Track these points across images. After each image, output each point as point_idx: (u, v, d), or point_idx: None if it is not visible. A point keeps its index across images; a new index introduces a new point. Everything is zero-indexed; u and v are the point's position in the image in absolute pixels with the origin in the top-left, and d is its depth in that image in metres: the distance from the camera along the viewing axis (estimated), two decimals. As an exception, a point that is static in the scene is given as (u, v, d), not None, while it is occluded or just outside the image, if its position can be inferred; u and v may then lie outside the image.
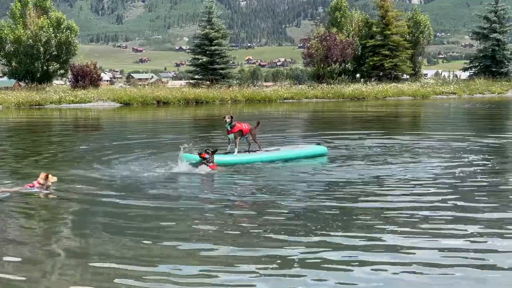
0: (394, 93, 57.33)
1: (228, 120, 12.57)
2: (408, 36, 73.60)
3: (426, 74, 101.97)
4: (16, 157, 14.90)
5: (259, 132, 13.59)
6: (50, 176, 9.32)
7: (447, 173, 10.76)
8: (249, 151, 12.95)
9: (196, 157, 11.32)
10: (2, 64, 64.34)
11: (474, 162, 12.27)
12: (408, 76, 74.55)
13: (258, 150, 13.00)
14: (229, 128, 12.59)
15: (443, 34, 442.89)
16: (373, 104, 45.70)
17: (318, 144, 14.39)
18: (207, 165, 11.06)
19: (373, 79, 70.11)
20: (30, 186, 9.18)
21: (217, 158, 11.62)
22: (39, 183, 9.16)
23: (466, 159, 12.66)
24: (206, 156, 11.12)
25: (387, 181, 10.00)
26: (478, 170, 11.22)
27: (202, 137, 19.48)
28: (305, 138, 18.55)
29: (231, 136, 12.64)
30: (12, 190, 9.19)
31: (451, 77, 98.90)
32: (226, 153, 12.46)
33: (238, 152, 12.62)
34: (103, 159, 13.42)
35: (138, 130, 25.24)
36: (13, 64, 63.02)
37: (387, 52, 71.08)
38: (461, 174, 10.64)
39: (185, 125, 28.00)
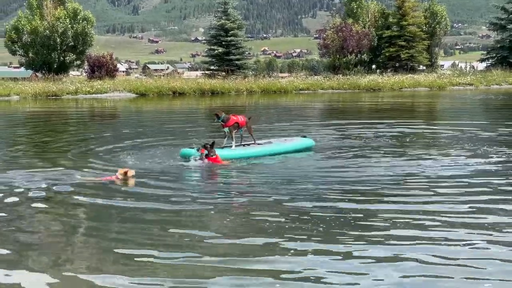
0: (410, 84, 56.97)
1: (215, 120, 12.23)
2: (424, 27, 73.10)
3: (443, 65, 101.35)
4: (33, 145, 15.05)
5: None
6: (129, 171, 9.40)
7: (461, 165, 10.63)
8: (243, 145, 12.44)
9: (195, 152, 11.03)
10: (19, 54, 64.73)
11: (488, 153, 12.19)
12: (424, 67, 74.08)
13: (253, 143, 12.53)
14: (222, 122, 12.08)
15: (460, 24, 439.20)
16: (389, 95, 45.50)
17: (304, 136, 13.78)
18: (207, 158, 10.73)
19: (389, 70, 69.73)
20: (109, 179, 9.25)
21: (221, 152, 11.31)
22: (118, 178, 9.24)
23: (481, 149, 12.60)
24: (205, 151, 10.76)
25: (403, 175, 9.87)
26: (493, 161, 11.12)
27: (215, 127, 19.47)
28: (289, 130, 17.49)
29: (227, 129, 12.13)
30: (93, 180, 9.32)
31: (467, 68, 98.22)
32: (223, 147, 11.86)
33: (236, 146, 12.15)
34: (115, 150, 13.49)
35: (155, 119, 25.38)
36: (30, 55, 63.47)
37: (403, 43, 70.65)
38: (476, 166, 10.54)
39: (200, 115, 28.08)
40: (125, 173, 9.37)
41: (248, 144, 12.49)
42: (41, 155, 12.84)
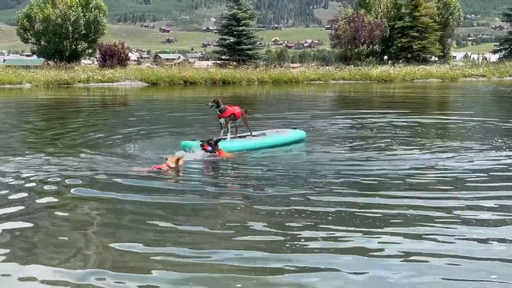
0: (422, 75, 56.75)
1: (211, 104, 11.57)
2: (437, 18, 72.76)
3: (455, 56, 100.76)
4: (43, 132, 15.11)
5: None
6: (180, 159, 9.26)
7: (472, 158, 10.36)
8: (239, 137, 11.94)
9: (196, 144, 10.67)
10: (31, 42, 64.97)
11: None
12: (436, 58, 73.78)
13: (249, 135, 12.05)
14: (219, 112, 11.50)
15: (473, 16, 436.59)
16: (400, 86, 45.31)
17: (295, 128, 13.37)
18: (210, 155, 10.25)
19: (401, 61, 69.51)
20: (157, 168, 9.08)
21: (223, 145, 10.79)
22: (169, 166, 9.06)
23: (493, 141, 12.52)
24: (209, 148, 10.29)
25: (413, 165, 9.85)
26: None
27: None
28: (278, 121, 17.08)
29: (222, 120, 11.55)
30: (142, 170, 9.12)
31: (480, 60, 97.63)
32: (218, 140, 10.87)
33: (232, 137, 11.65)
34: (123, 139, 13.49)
35: (166, 108, 25.44)
36: (42, 43, 63.74)
37: (415, 34, 70.39)
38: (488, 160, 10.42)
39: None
40: (177, 160, 9.18)
41: (244, 136, 12.03)
42: (65, 144, 12.82)
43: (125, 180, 8.34)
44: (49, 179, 8.33)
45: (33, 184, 8.07)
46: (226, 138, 11.35)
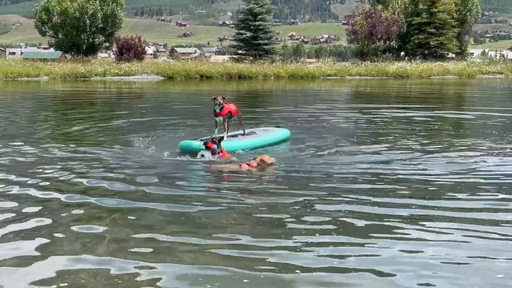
0: (439, 72, 56.51)
1: (220, 101, 10.88)
2: (455, 14, 72.26)
3: (472, 53, 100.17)
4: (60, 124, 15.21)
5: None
6: (268, 158, 8.98)
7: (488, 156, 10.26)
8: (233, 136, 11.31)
9: (195, 145, 10.03)
10: (49, 35, 65.33)
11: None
12: (453, 55, 73.32)
13: (242, 134, 11.48)
14: (218, 110, 10.86)
15: (491, 12, 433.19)
16: (417, 82, 45.11)
17: (278, 126, 12.89)
18: (214, 155, 9.57)
19: (417, 57, 69.15)
20: (246, 166, 8.87)
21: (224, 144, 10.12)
22: (257, 165, 8.80)
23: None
24: (214, 146, 9.60)
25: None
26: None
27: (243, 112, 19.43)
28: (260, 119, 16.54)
29: (220, 119, 10.91)
30: (227, 167, 9.05)
31: (497, 57, 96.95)
32: (221, 138, 10.24)
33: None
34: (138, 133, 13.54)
35: (184, 101, 25.49)
36: (60, 36, 64.12)
37: (433, 30, 70.00)
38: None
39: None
40: (261, 161, 8.89)
41: (236, 135, 11.41)
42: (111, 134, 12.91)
43: (154, 175, 8.34)
44: (64, 172, 8.41)
45: (52, 174, 8.16)
46: (224, 137, 10.53)
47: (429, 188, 7.48)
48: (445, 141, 11.97)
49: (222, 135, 10.60)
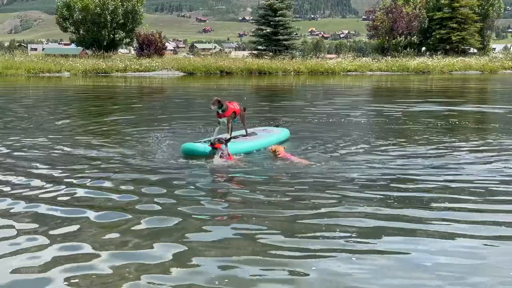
0: (461, 67, 56.03)
1: (214, 107, 10.00)
2: (477, 9, 71.52)
3: (495, 48, 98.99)
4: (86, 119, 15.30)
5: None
6: (279, 148, 9.26)
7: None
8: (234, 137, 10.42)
9: (201, 148, 9.42)
10: (70, 31, 65.73)
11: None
12: (475, 50, 72.62)
13: (245, 135, 10.83)
14: (220, 111, 10.05)
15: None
16: (438, 78, 44.74)
17: (277, 126, 12.55)
18: (222, 157, 8.94)
19: (439, 53, 68.52)
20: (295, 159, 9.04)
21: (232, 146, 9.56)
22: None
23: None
24: (222, 146, 9.03)
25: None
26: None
27: (262, 108, 19.43)
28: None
29: (224, 120, 10.13)
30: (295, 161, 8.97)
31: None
32: (229, 139, 9.62)
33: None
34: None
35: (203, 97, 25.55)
36: (81, 32, 64.49)
37: (454, 25, 69.31)
38: None
39: (248, 95, 28.02)
40: (274, 151, 9.18)
41: (237, 136, 10.60)
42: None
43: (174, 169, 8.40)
44: (80, 166, 8.52)
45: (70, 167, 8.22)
46: (229, 138, 9.79)
47: (452, 186, 7.28)
48: (473, 138, 11.64)
49: (225, 135, 9.84)
